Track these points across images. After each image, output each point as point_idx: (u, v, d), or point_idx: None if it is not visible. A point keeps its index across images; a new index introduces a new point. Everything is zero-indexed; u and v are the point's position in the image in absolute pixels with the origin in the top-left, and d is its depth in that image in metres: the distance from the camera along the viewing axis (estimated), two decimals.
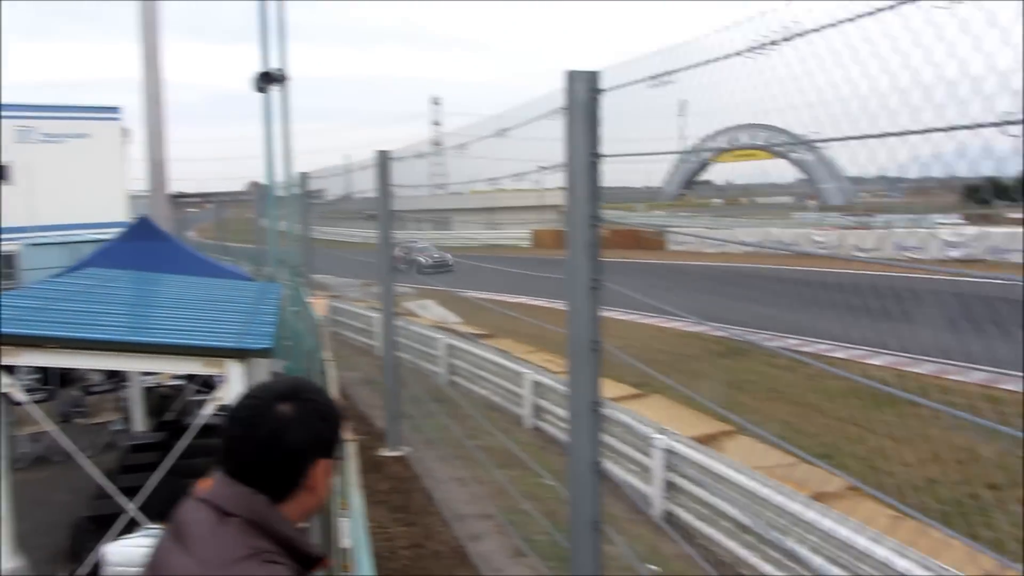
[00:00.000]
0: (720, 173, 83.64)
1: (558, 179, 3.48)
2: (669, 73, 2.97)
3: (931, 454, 8.13)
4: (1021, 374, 10.35)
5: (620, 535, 5.15)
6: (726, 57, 2.42)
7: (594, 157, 3.19)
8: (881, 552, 4.79)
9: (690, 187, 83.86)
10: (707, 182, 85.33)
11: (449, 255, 28.11)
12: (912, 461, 8.01)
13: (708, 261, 30.34)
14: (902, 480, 7.58)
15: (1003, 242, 26.46)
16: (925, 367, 12.31)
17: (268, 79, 9.20)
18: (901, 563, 4.64)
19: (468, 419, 7.55)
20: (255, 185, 19.86)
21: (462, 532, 5.79)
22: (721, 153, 75.78)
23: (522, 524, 5.50)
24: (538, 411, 9.44)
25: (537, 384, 9.46)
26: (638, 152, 3.52)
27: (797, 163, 75.45)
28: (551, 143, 3.52)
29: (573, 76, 3.22)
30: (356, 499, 3.15)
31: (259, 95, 9.29)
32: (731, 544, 6.03)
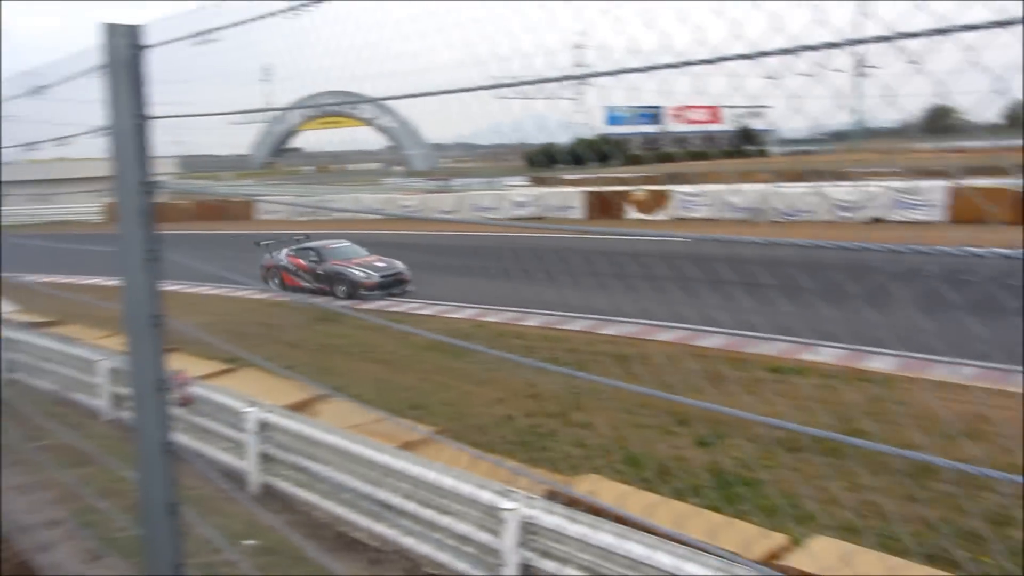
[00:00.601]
0: (310, 140, 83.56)
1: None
2: (213, 31, 2.84)
3: (505, 393, 9.08)
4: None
5: (214, 515, 4.95)
6: (261, 17, 2.38)
7: (140, 119, 2.96)
8: (461, 487, 5.25)
9: (279, 155, 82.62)
10: (296, 149, 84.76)
11: (401, 263, 17.32)
12: (489, 401, 8.87)
13: (299, 229, 30.08)
14: (484, 420, 8.36)
15: (557, 201, 30.18)
16: (501, 316, 13.65)
17: None
18: (485, 495, 5.11)
19: (30, 419, 6.65)
20: None
21: (27, 545, 5.11)
22: (308, 121, 75.58)
23: (99, 524, 5.03)
24: (119, 400, 8.65)
25: (114, 371, 8.65)
26: (190, 113, 3.33)
27: (384, 130, 78.28)
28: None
29: (112, 30, 2.93)
30: None
31: None
32: (328, 504, 6.15)
